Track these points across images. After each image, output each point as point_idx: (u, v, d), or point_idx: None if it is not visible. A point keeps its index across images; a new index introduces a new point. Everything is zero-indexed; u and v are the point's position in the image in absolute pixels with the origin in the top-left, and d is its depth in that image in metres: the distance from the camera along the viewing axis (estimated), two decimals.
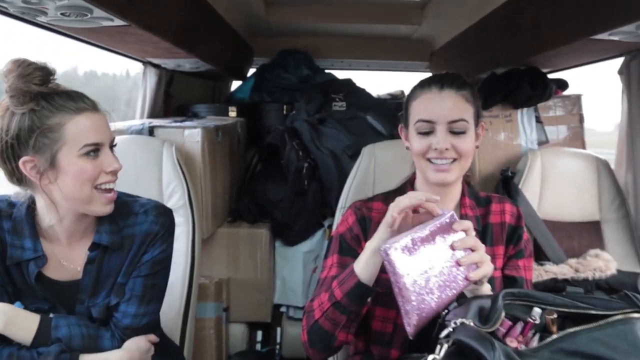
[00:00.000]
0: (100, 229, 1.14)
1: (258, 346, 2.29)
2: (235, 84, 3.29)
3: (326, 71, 3.11)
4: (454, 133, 1.09)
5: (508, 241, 1.19)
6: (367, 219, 1.20)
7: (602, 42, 1.54)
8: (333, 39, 3.21)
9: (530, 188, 1.80)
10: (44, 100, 1.01)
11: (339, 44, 3.22)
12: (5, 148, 1.02)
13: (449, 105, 1.09)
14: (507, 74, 2.02)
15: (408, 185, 1.24)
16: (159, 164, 1.72)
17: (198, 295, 1.77)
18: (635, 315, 0.79)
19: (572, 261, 1.68)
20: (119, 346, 1.15)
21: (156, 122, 2.02)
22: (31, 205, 1.11)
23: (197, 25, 2.09)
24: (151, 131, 1.93)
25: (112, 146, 1.11)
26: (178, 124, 2.02)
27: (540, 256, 1.73)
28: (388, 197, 1.24)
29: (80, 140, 1.02)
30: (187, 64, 2.32)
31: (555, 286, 1.60)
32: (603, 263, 1.64)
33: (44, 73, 1.02)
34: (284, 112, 2.68)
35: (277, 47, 3.12)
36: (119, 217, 1.16)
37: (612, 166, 1.87)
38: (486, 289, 1.04)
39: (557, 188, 1.81)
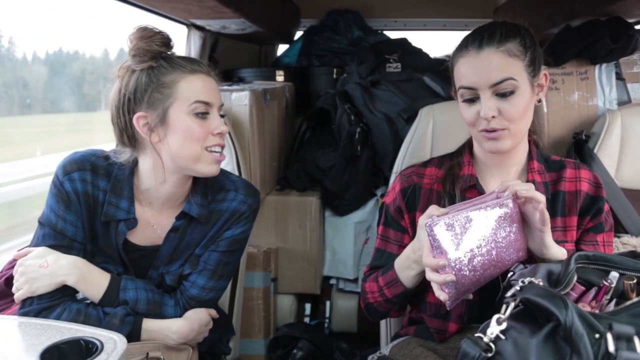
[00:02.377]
0: (192, 199, 1.20)
1: (307, 319, 2.33)
2: (282, 49, 3.29)
3: (379, 32, 3.05)
4: (501, 95, 1.03)
5: (584, 212, 1.13)
6: (416, 187, 1.19)
7: None
8: None
9: (607, 153, 1.71)
10: (162, 60, 1.11)
11: (393, 3, 3.14)
12: (122, 102, 1.11)
13: (489, 66, 1.02)
14: (585, 25, 1.91)
15: (466, 148, 1.21)
16: None
17: (247, 264, 1.83)
18: None
19: None
20: (180, 314, 1.21)
21: None
22: (134, 167, 1.18)
23: None
24: None
25: (222, 115, 1.17)
26: (225, 87, 2.05)
27: (618, 228, 1.66)
28: (443, 161, 1.22)
29: (191, 97, 1.10)
30: (233, 24, 2.34)
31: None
32: None
33: (164, 37, 1.12)
34: (334, 76, 2.66)
35: (326, 7, 3.08)
36: (209, 190, 1.22)
37: None
38: (560, 253, 1.00)
39: (639, 153, 1.71)
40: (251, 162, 1.95)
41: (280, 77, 2.61)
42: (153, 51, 1.10)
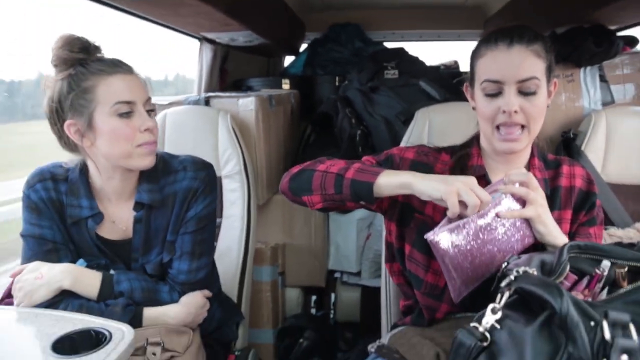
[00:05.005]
0: (140, 188, 1.16)
1: (313, 311, 2.29)
2: (288, 60, 3.26)
3: (379, 43, 3.01)
4: (524, 94, 0.99)
5: (579, 207, 1.10)
6: (428, 165, 1.13)
7: None
8: (384, 11, 3.09)
9: (593, 150, 1.66)
10: (80, 66, 1.05)
11: (391, 16, 3.11)
12: (52, 113, 1.07)
13: (518, 62, 0.98)
14: (569, 31, 1.86)
15: (475, 141, 1.16)
16: (214, 132, 1.73)
17: (255, 259, 1.79)
18: None
19: (639, 225, 1.54)
20: (178, 300, 1.17)
21: (212, 93, 2.03)
22: (83, 168, 1.15)
23: None
24: (207, 102, 1.94)
25: (150, 110, 1.11)
26: (234, 94, 2.02)
27: (605, 221, 1.60)
28: (454, 150, 1.17)
29: (112, 99, 1.04)
30: (240, 37, 2.31)
31: None
32: None
33: (83, 43, 1.06)
34: (337, 83, 2.63)
35: (329, 21, 3.05)
36: (160, 175, 1.17)
37: None
38: (560, 240, 0.97)
39: (623, 150, 1.66)
40: (257, 164, 1.91)
41: (286, 85, 2.58)
42: (72, 59, 1.04)
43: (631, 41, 1.86)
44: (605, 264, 0.82)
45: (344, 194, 0.99)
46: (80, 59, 1.06)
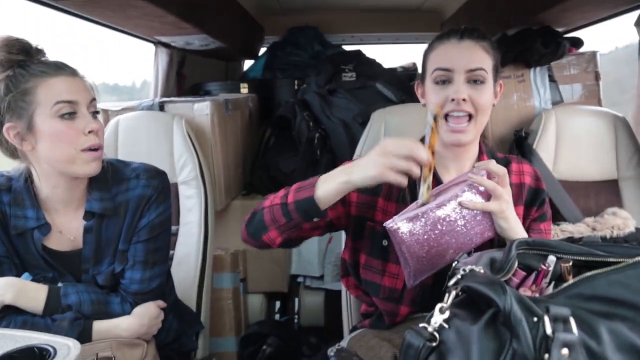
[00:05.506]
0: (90, 197, 1.11)
1: (277, 316, 2.27)
2: (248, 64, 3.23)
3: (338, 46, 3.02)
4: (473, 83, 1.03)
5: (530, 203, 1.13)
6: None
7: None
8: (343, 14, 3.11)
9: (544, 148, 1.71)
10: (19, 68, 1.00)
11: (350, 19, 3.13)
12: None
13: (468, 54, 1.03)
14: (519, 33, 1.91)
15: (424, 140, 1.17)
16: (169, 138, 1.69)
17: (215, 266, 1.75)
18: None
19: (589, 220, 1.60)
20: (130, 311, 1.13)
21: (167, 99, 1.99)
22: (28, 177, 1.09)
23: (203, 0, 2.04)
24: (162, 107, 1.89)
25: (94, 112, 1.07)
26: (189, 99, 1.98)
27: (557, 216, 1.65)
28: None
29: (52, 99, 1.00)
30: (196, 40, 2.27)
31: None
32: (621, 221, 1.55)
33: (23, 44, 1.01)
34: (296, 87, 2.62)
35: (288, 24, 3.05)
36: (111, 183, 1.13)
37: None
38: (520, 235, 0.98)
39: (573, 147, 1.72)
40: (214, 169, 1.87)
41: (244, 89, 2.55)
42: (10, 60, 1.00)
43: (576, 42, 1.93)
44: (551, 259, 0.82)
45: (295, 219, 0.97)
46: (20, 60, 1.01)
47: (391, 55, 3.44)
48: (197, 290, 1.58)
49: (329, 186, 0.94)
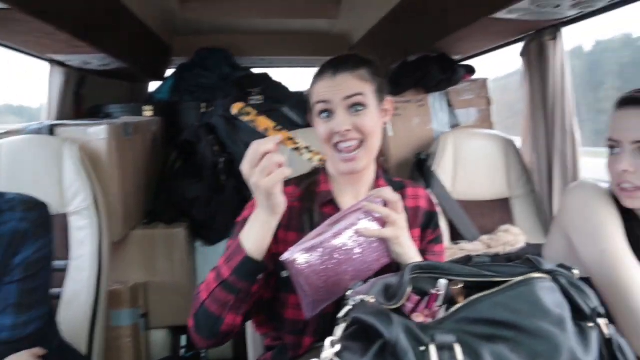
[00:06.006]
0: None
1: (182, 351, 2.13)
2: (156, 86, 3.10)
3: (247, 69, 2.99)
4: (354, 111, 1.03)
5: (426, 226, 1.15)
6: None
7: (503, 23, 1.54)
8: (253, 36, 3.09)
9: (443, 170, 1.78)
10: None
11: (259, 42, 3.12)
12: None
13: (343, 85, 1.03)
14: (418, 60, 2.00)
15: (321, 168, 1.17)
16: (58, 165, 1.56)
17: (112, 302, 1.61)
18: (535, 275, 0.75)
19: (485, 237, 1.67)
20: None
21: (58, 122, 1.83)
22: None
23: (101, 17, 1.92)
24: (52, 131, 1.74)
25: None
26: (84, 122, 1.84)
27: (456, 236, 1.72)
28: (301, 180, 1.16)
29: None
30: (94, 60, 2.13)
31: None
32: (512, 237, 1.64)
33: None
34: (203, 110, 2.54)
35: (197, 45, 2.96)
36: None
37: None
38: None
39: (469, 168, 1.80)
40: (111, 197, 1.74)
41: (148, 112, 2.42)
42: None
43: (470, 70, 2.06)
44: (442, 282, 0.83)
45: (242, 288, 0.92)
46: None
47: (301, 78, 3.47)
48: (88, 329, 1.44)
49: (252, 231, 0.92)
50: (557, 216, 1.23)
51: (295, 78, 3.41)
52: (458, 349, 0.61)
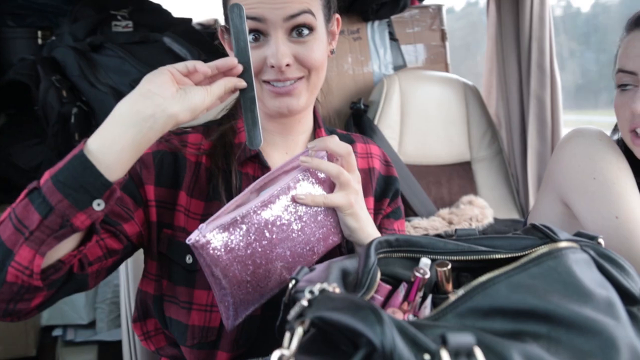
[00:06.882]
0: None
1: None
2: None
3: None
4: (297, 36, 0.95)
5: (381, 194, 1.13)
6: (178, 156, 1.02)
7: None
8: None
9: (388, 124, 1.76)
10: None
11: None
12: None
13: None
14: None
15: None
16: None
17: None
18: (563, 244, 0.69)
19: (444, 212, 1.67)
20: None
21: None
22: None
23: None
24: None
25: None
26: None
27: (406, 210, 1.69)
28: (211, 128, 1.08)
29: None
30: None
31: None
32: (479, 210, 1.66)
33: None
34: (40, 40, 2.34)
35: None
36: None
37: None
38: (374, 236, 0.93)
39: (420, 123, 1.80)
40: None
41: None
42: None
43: None
44: (425, 262, 0.76)
45: (58, 209, 0.73)
46: None
47: (186, 7, 3.29)
48: None
49: (114, 127, 0.79)
50: (547, 177, 1.23)
51: (178, 5, 3.22)
52: (479, 354, 0.52)
